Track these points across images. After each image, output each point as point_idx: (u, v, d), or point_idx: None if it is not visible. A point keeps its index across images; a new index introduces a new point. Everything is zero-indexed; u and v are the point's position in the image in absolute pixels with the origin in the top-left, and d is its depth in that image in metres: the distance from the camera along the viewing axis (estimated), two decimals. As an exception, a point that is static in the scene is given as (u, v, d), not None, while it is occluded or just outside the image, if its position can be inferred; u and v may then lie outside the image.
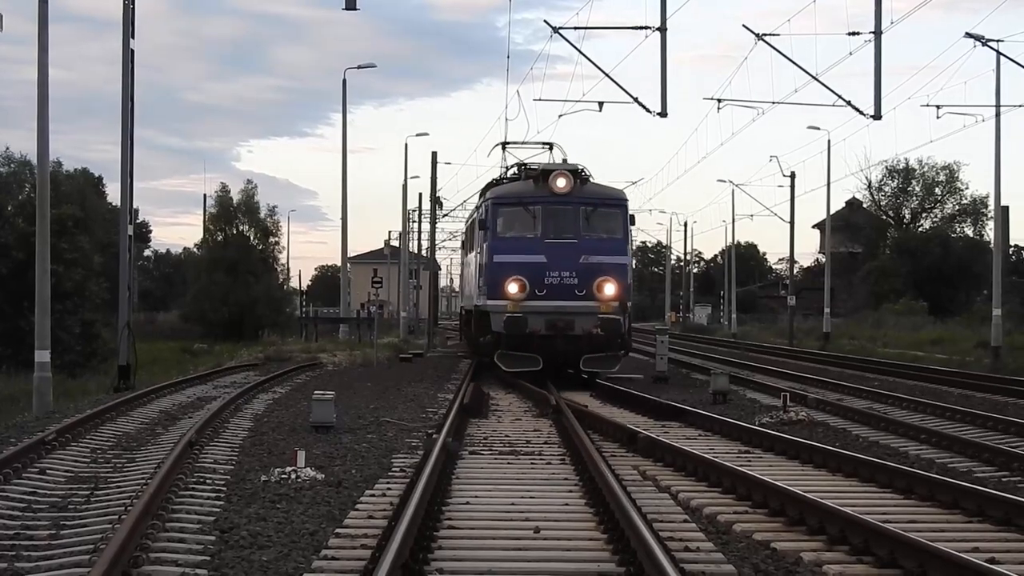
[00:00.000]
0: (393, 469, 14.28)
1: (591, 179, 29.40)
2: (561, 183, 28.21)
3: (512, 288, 27.72)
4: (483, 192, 34.21)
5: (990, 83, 40.68)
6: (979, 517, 11.21)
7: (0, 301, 45.86)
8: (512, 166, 34.33)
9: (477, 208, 32.80)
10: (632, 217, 29.43)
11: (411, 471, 13.53)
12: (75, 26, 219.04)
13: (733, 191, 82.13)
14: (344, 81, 56.06)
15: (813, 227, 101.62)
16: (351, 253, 72.16)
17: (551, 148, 36.22)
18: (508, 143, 38.03)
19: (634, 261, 30.33)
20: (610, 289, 27.80)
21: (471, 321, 35.03)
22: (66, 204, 50.93)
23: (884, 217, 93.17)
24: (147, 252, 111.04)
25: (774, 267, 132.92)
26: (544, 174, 28.68)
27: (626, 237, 29.12)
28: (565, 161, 31.84)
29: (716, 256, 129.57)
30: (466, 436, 17.68)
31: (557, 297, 27.75)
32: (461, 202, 78.00)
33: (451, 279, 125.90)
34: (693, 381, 31.09)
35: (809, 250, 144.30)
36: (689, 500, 12.22)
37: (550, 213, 28.44)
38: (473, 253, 33.52)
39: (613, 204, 29.10)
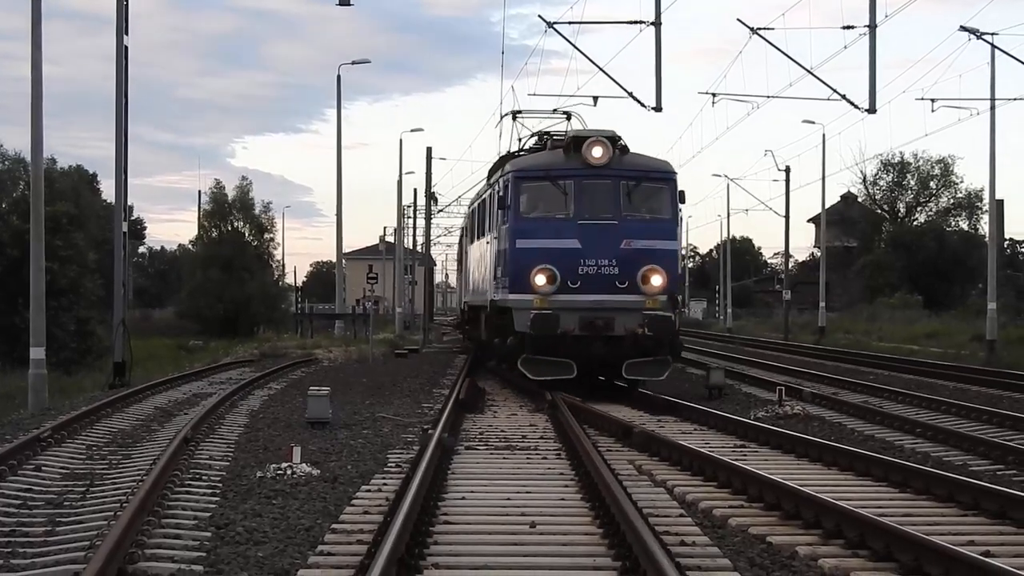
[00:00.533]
0: (389, 464, 14.28)
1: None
2: (597, 152, 23.50)
3: (539, 280, 23.10)
4: (496, 167, 29.50)
5: (985, 76, 40.80)
6: (975, 510, 11.23)
7: (-5, 299, 45.83)
8: (532, 135, 29.57)
9: (491, 184, 27.76)
10: (682, 194, 24.33)
11: (407, 466, 13.53)
12: (68, 22, 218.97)
13: (728, 185, 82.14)
14: (338, 77, 56.11)
15: (808, 221, 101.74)
16: (346, 249, 72.25)
17: (569, 117, 30.59)
18: (520, 112, 31.92)
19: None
20: (658, 280, 23.17)
21: (479, 319, 30.57)
22: (60, 201, 50.87)
23: (879, 211, 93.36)
24: (142, 249, 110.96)
25: (769, 261, 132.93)
26: (576, 142, 23.89)
27: (675, 217, 24.41)
28: None
29: (711, 251, 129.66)
30: (462, 431, 17.68)
31: (594, 290, 23.16)
32: (456, 197, 77.93)
33: (446, 274, 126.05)
34: (689, 376, 31.09)
35: (804, 244, 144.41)
36: (685, 494, 12.22)
37: (584, 189, 23.63)
38: (482, 240, 29.08)
39: (659, 178, 24.18)
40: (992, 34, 38.64)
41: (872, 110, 28.71)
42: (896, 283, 79.05)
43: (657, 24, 28.55)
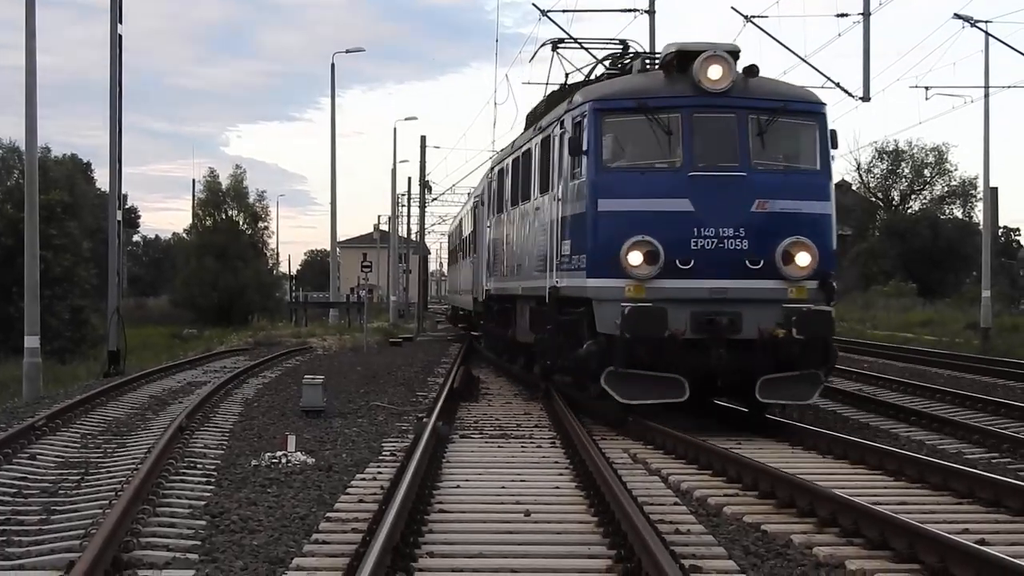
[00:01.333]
0: (383, 453, 14.28)
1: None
2: (715, 72, 16.44)
3: (634, 258, 16.03)
4: (548, 106, 21.68)
5: (979, 64, 40.86)
6: (969, 498, 11.25)
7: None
8: (604, 58, 21.54)
9: (542, 130, 19.99)
10: (833, 135, 17.17)
11: (401, 455, 13.54)
12: (63, 10, 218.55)
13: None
14: (332, 65, 56.12)
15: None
16: (340, 237, 72.22)
17: (627, 48, 22.17)
18: (562, 42, 23.49)
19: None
20: (805, 258, 16.27)
21: (517, 313, 23.22)
22: (55, 190, 50.90)
23: (873, 199, 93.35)
24: (136, 237, 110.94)
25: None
26: (681, 58, 16.71)
27: (827, 168, 17.17)
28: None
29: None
30: (456, 420, 17.67)
31: (714, 272, 16.12)
32: (451, 186, 77.81)
33: (441, 263, 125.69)
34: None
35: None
36: (679, 483, 12.23)
37: (698, 125, 16.51)
38: (524, 207, 21.50)
39: (804, 110, 17.13)
40: (986, 22, 38.78)
41: (866, 98, 28.70)
42: (890, 271, 79.04)
43: (651, 12, 28.61)
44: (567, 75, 22.90)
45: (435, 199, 74.15)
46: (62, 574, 8.03)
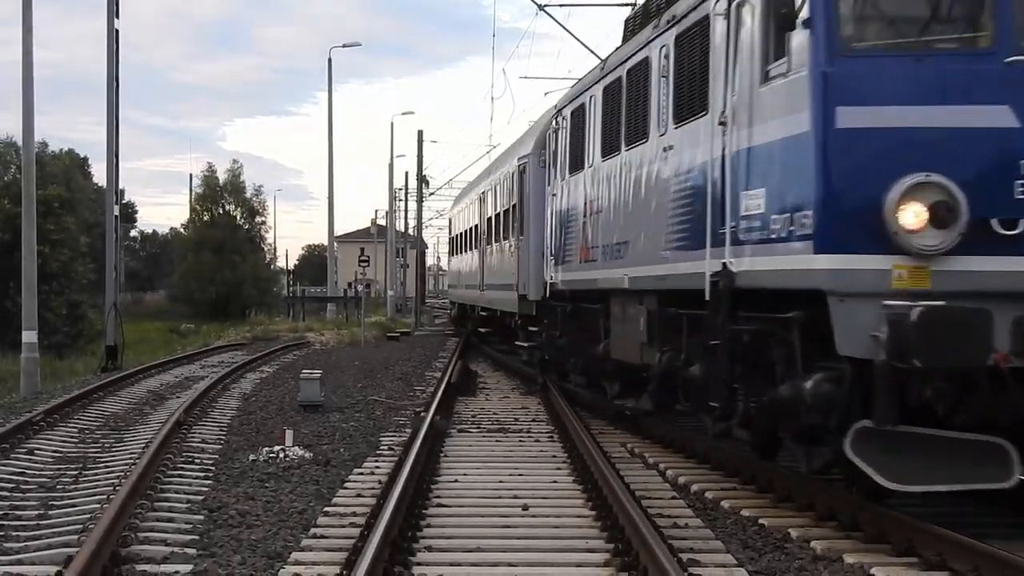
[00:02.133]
0: (381, 448, 14.29)
1: None
2: None
3: (911, 215, 8.57)
4: None
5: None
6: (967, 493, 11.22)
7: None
8: None
9: (671, 21, 12.92)
10: None
11: (399, 449, 13.54)
12: (60, 5, 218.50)
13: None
14: (330, 60, 56.14)
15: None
16: (338, 232, 72.20)
17: None
18: None
19: None
20: None
21: (606, 319, 15.82)
22: (52, 185, 50.91)
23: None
24: (133, 232, 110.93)
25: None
26: None
27: None
28: None
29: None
30: (454, 414, 17.68)
31: None
32: (447, 180, 77.84)
33: (438, 257, 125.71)
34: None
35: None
36: (677, 477, 12.23)
37: None
38: (613, 160, 15.03)
39: None
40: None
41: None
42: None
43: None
44: None
45: (432, 194, 74.20)
46: (60, 569, 8.02)
